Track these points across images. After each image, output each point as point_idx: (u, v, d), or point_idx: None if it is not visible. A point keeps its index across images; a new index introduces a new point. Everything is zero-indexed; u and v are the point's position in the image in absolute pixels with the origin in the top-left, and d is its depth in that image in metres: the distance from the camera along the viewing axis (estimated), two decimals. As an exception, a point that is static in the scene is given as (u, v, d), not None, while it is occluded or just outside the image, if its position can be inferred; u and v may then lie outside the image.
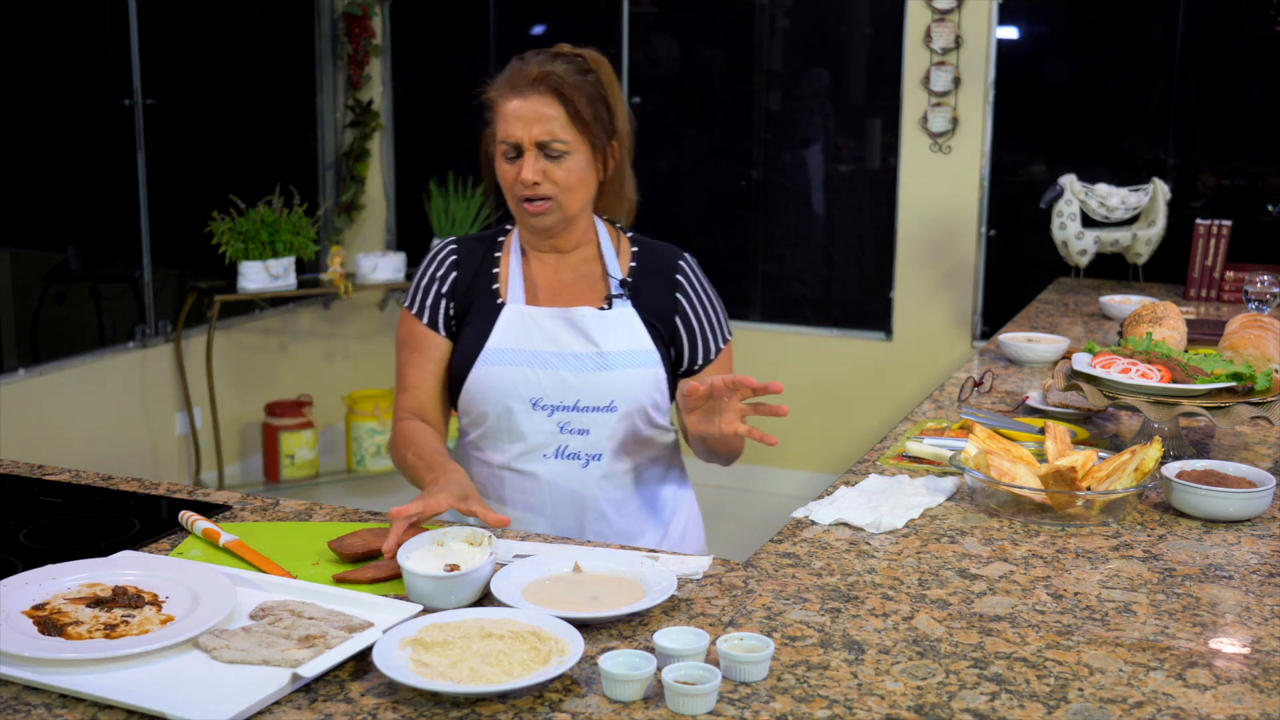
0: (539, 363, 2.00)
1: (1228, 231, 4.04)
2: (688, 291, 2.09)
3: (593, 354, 2.00)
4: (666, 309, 2.07)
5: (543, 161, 1.97)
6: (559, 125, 1.96)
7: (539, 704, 1.34)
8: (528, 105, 1.96)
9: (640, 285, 2.06)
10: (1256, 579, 1.73)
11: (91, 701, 1.35)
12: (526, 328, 2.02)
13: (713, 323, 2.11)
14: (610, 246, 2.09)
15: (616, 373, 2.00)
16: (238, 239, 4.82)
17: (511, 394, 2.00)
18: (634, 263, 2.09)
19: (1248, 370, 2.18)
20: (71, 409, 4.50)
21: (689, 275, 2.12)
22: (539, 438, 2.02)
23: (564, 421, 2.01)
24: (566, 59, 2.01)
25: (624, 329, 2.02)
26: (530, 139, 1.96)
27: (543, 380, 2.00)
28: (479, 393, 2.02)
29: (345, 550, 1.74)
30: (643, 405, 2.03)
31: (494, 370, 2.01)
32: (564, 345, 2.00)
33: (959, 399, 2.70)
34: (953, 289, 4.93)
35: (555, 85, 1.96)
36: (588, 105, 1.97)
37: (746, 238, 5.26)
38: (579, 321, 2.01)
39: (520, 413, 2.01)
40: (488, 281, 2.08)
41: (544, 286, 2.07)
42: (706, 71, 5.30)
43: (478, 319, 2.05)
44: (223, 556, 1.77)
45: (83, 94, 4.61)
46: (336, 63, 5.59)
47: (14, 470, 2.17)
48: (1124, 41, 4.71)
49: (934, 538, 1.87)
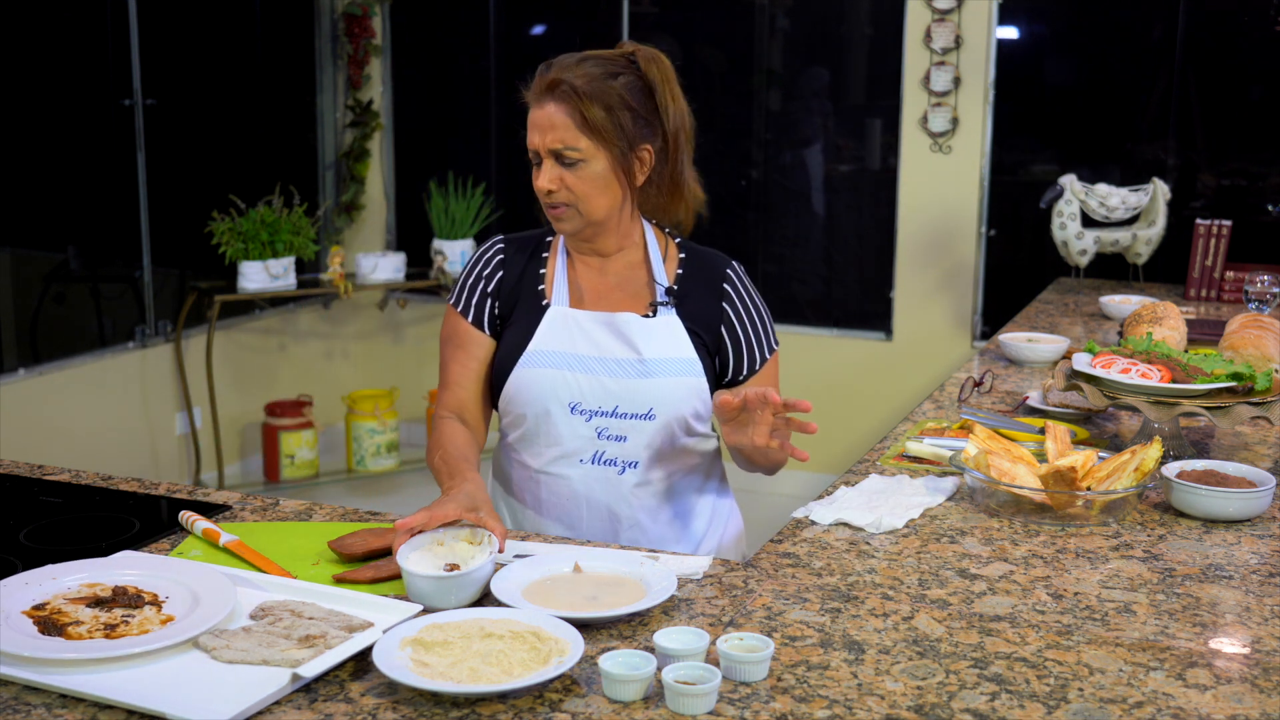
0: (580, 366, 1.98)
1: (1228, 231, 4.04)
2: (734, 301, 2.06)
3: (634, 360, 1.98)
4: (712, 318, 2.04)
5: (558, 169, 1.95)
6: (570, 133, 1.93)
7: (539, 704, 1.34)
8: (543, 113, 1.94)
9: (686, 293, 2.04)
10: (1256, 579, 1.73)
11: (91, 701, 1.35)
12: (569, 330, 2.00)
13: (759, 332, 2.08)
14: (658, 252, 2.07)
15: (657, 380, 1.98)
16: (238, 239, 4.82)
17: (551, 396, 1.99)
18: (680, 270, 2.06)
19: (1248, 370, 2.18)
20: (71, 409, 4.50)
21: (736, 284, 2.08)
22: (576, 442, 2.00)
23: (602, 427, 1.99)
24: (599, 61, 1.97)
25: (667, 337, 2.00)
26: (545, 147, 1.94)
27: (582, 384, 1.98)
28: (519, 393, 2.01)
29: (345, 550, 1.74)
30: (682, 414, 2.00)
31: (535, 372, 1.99)
32: (606, 350, 1.98)
33: (959, 399, 2.70)
34: (953, 289, 4.93)
35: (566, 93, 1.93)
36: (602, 112, 1.93)
37: (746, 238, 5.26)
38: (622, 327, 1.99)
39: (558, 416, 1.99)
40: (534, 282, 2.06)
41: (589, 290, 2.05)
42: (706, 71, 5.30)
43: (522, 319, 2.03)
44: (223, 556, 1.77)
45: (83, 94, 4.61)
46: (336, 63, 5.59)
47: (14, 470, 2.17)
48: (1124, 41, 4.71)
49: (934, 538, 1.87)
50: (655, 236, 2.08)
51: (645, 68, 1.99)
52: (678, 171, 2.05)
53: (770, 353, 2.10)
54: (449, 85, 5.60)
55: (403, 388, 5.55)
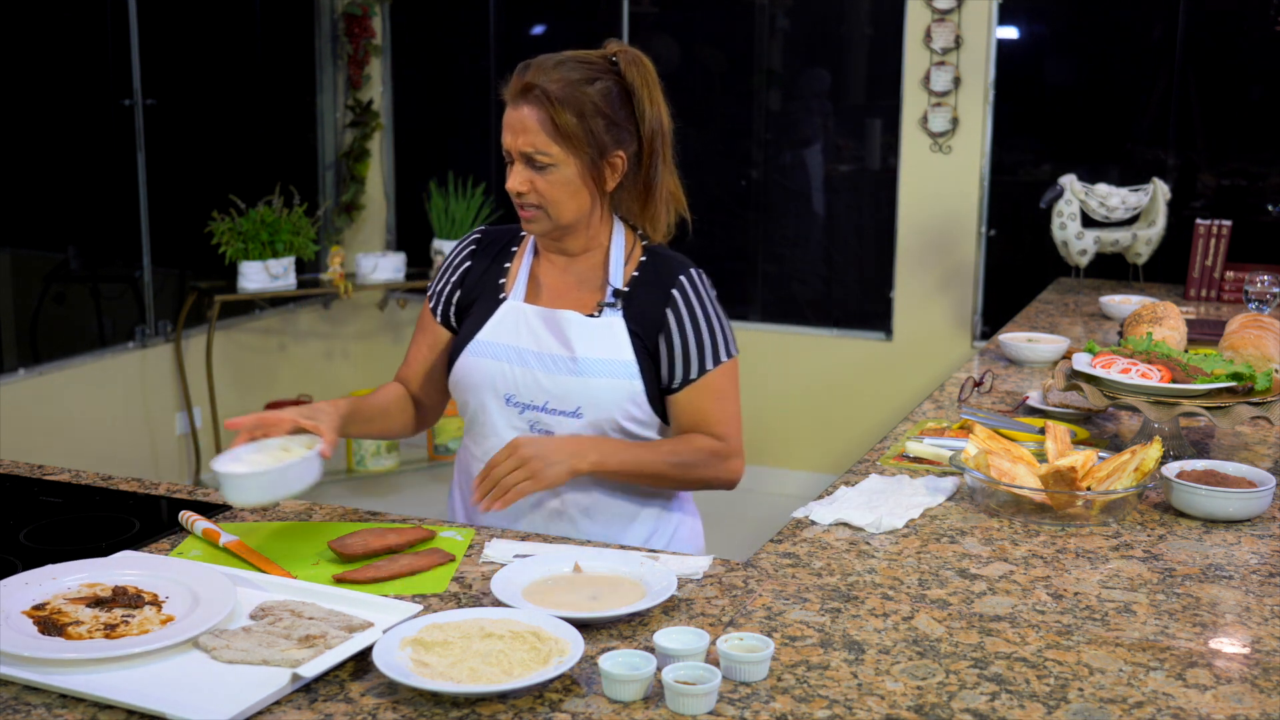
0: (517, 359, 2.01)
1: (1228, 231, 4.04)
2: (680, 308, 2.02)
3: (566, 358, 1.99)
4: (655, 323, 2.02)
5: (529, 171, 1.96)
6: (541, 138, 1.93)
7: (539, 704, 1.34)
8: (516, 115, 1.95)
9: (635, 295, 2.03)
10: (1256, 579, 1.73)
11: (91, 701, 1.35)
12: (516, 324, 2.03)
13: (702, 342, 2.02)
14: (621, 254, 2.06)
15: (587, 380, 1.98)
16: (238, 239, 4.82)
17: (488, 387, 2.03)
18: (637, 272, 2.05)
19: (1248, 370, 2.18)
20: (71, 409, 4.50)
21: (687, 291, 2.03)
22: (510, 434, 2.02)
23: (534, 421, 2.02)
24: (577, 64, 1.96)
25: (606, 338, 2.00)
26: (516, 149, 1.96)
27: (517, 377, 2.01)
28: (460, 381, 2.06)
29: (345, 550, 1.75)
30: (612, 416, 1.99)
31: (477, 361, 2.03)
32: (544, 346, 2.01)
33: (959, 399, 2.70)
34: (953, 289, 4.93)
35: (539, 98, 1.93)
36: (574, 119, 1.93)
37: (746, 238, 5.26)
38: (561, 324, 2.01)
39: (494, 407, 2.03)
40: (497, 275, 2.10)
41: (547, 287, 2.07)
42: (706, 71, 5.30)
43: (479, 311, 2.07)
44: (223, 556, 1.77)
45: (83, 94, 4.61)
46: (336, 63, 5.59)
47: (14, 470, 2.17)
48: (1124, 41, 4.71)
49: (934, 538, 1.87)
50: (625, 238, 2.08)
51: (626, 71, 1.98)
52: (652, 176, 2.03)
53: (716, 364, 2.02)
54: (449, 85, 5.60)
55: (403, 388, 5.54)
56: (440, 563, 1.73)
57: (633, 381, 1.99)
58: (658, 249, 2.09)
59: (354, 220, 5.66)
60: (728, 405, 2.05)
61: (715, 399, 2.03)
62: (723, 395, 2.04)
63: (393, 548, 1.77)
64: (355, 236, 5.72)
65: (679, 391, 2.02)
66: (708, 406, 2.03)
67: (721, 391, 2.04)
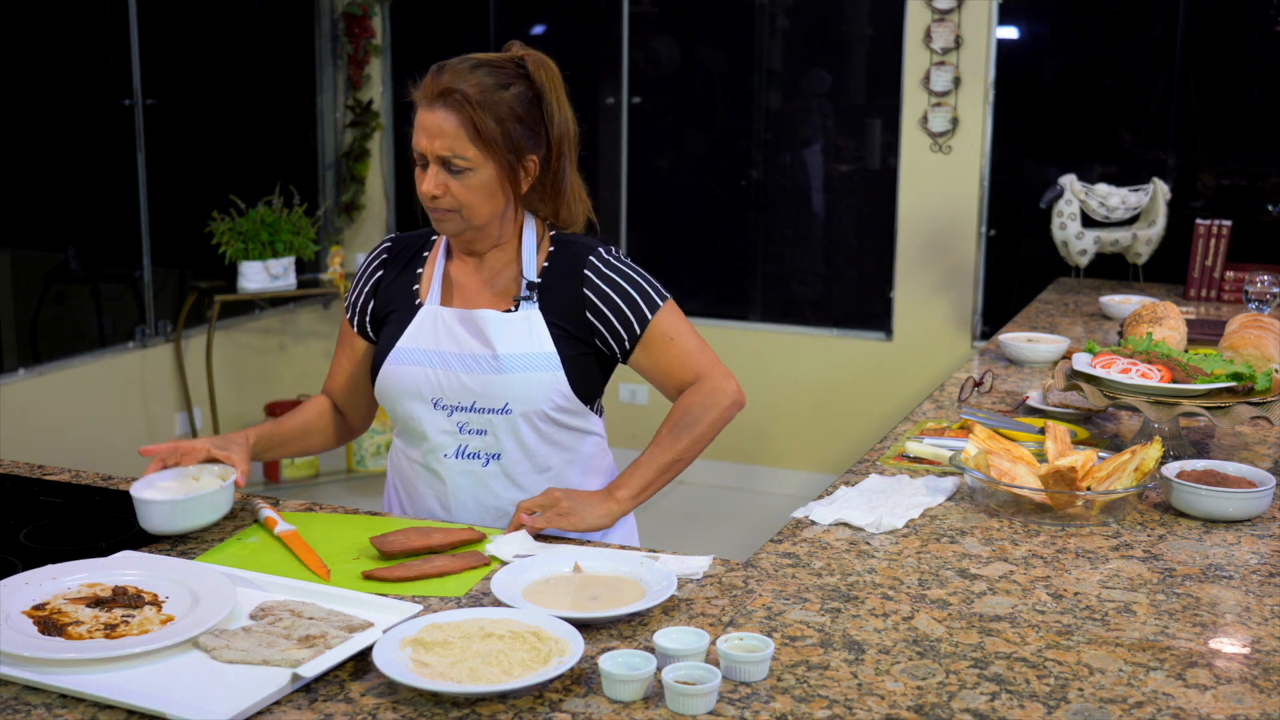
0: (440, 363, 2.02)
1: (1228, 231, 4.04)
2: (595, 283, 2.03)
3: (488, 356, 1.99)
4: (575, 307, 2.03)
5: (444, 175, 1.95)
6: (459, 142, 1.93)
7: (539, 704, 1.34)
8: (433, 118, 1.94)
9: (548, 285, 2.04)
10: (1256, 579, 1.73)
11: (91, 701, 1.35)
12: (435, 328, 2.03)
13: (630, 302, 2.03)
14: (532, 247, 2.06)
15: (511, 376, 1.99)
16: (238, 239, 4.82)
17: (414, 393, 2.03)
18: (547, 263, 2.06)
19: (1248, 370, 2.18)
20: (71, 409, 4.50)
21: (597, 266, 2.04)
22: (440, 437, 2.03)
23: (463, 422, 2.02)
24: (491, 69, 1.97)
25: (525, 332, 2.01)
26: (432, 152, 1.95)
27: (442, 380, 2.01)
28: (386, 389, 2.06)
29: (385, 547, 1.76)
30: (539, 408, 2.01)
31: (400, 369, 2.04)
32: (465, 347, 2.01)
33: (959, 399, 2.70)
34: (953, 289, 4.93)
35: (458, 102, 1.93)
36: (493, 124, 1.93)
37: (746, 238, 5.26)
38: (480, 323, 2.01)
39: (422, 412, 2.03)
40: (410, 281, 2.10)
41: (461, 287, 2.08)
42: (706, 71, 5.30)
43: (396, 318, 2.08)
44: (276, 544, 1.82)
45: (83, 94, 4.61)
46: (336, 63, 5.60)
47: (14, 470, 2.17)
48: (1124, 41, 4.71)
49: (934, 538, 1.87)
50: (535, 231, 2.08)
51: (535, 74, 1.99)
52: (560, 178, 2.05)
53: (653, 313, 2.03)
54: (449, 85, 5.59)
55: (403, 388, 5.55)
56: (472, 566, 1.72)
57: (555, 373, 2.00)
58: (565, 237, 2.09)
59: (354, 220, 5.66)
60: (686, 343, 2.06)
61: (669, 344, 2.05)
62: (675, 337, 2.05)
63: (433, 547, 1.78)
64: (355, 236, 5.72)
65: (634, 354, 2.04)
66: (667, 353, 2.04)
67: (672, 335, 2.05)
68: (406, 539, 1.78)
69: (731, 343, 5.18)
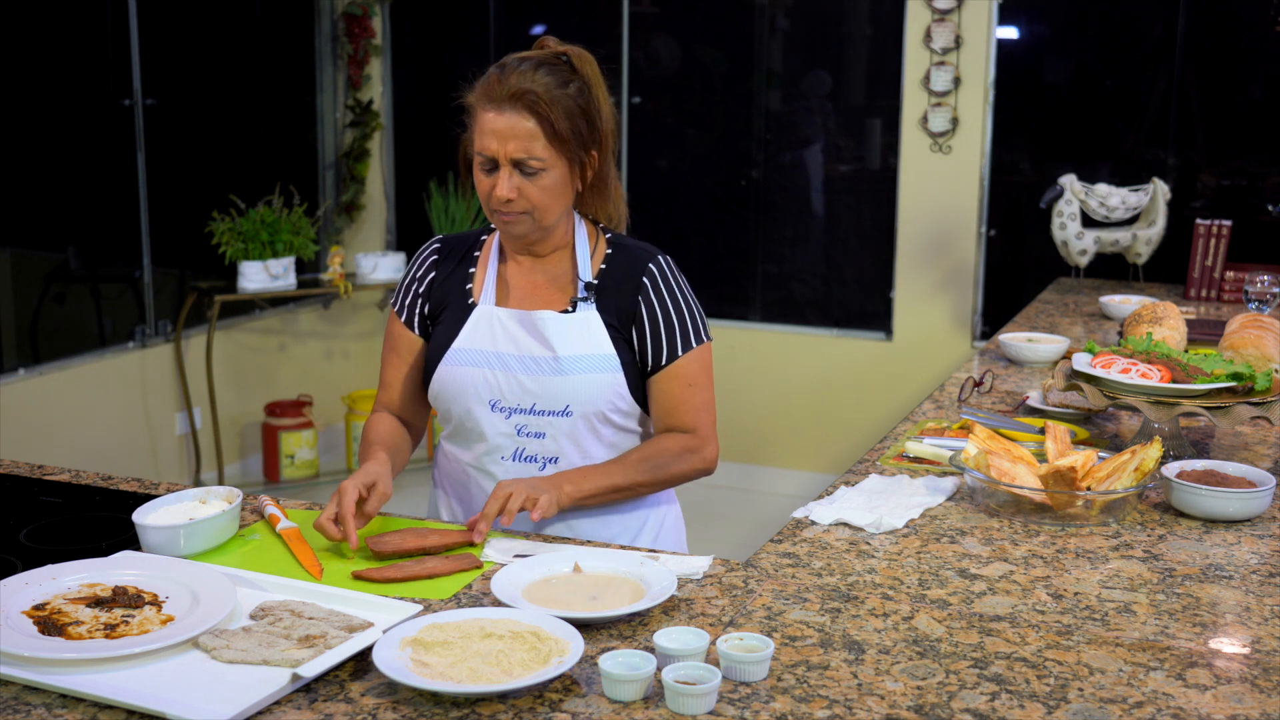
0: (499, 364, 2.00)
1: (1228, 231, 4.04)
2: (650, 294, 2.03)
3: (549, 358, 1.98)
4: (628, 312, 2.03)
5: (517, 178, 1.94)
6: (535, 144, 1.92)
7: (539, 704, 1.34)
8: (504, 120, 1.93)
9: (606, 287, 2.03)
10: (1256, 579, 1.73)
11: (91, 701, 1.35)
12: (492, 329, 2.02)
13: (674, 327, 2.03)
14: (586, 248, 2.06)
15: (572, 378, 1.98)
16: (238, 239, 4.82)
17: (472, 394, 2.01)
18: (605, 265, 2.06)
19: (1248, 370, 2.18)
20: (71, 409, 4.50)
21: (656, 278, 2.05)
22: (497, 439, 2.02)
23: (521, 424, 2.00)
24: (549, 68, 1.96)
25: (584, 333, 2.00)
26: (506, 155, 1.94)
27: (501, 382, 2.00)
28: (443, 391, 2.04)
29: (378, 548, 1.76)
30: (600, 410, 2.00)
31: (457, 370, 2.02)
32: (524, 348, 2.00)
33: (959, 399, 2.70)
34: (953, 289, 4.93)
35: (532, 103, 1.92)
36: (565, 121, 1.93)
37: (746, 238, 5.26)
38: (539, 325, 2.00)
39: (480, 413, 2.01)
40: (463, 282, 2.08)
41: (516, 288, 2.06)
42: (706, 71, 5.30)
43: (450, 319, 2.06)
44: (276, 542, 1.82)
45: (83, 94, 4.61)
46: (336, 63, 5.59)
47: (14, 470, 2.17)
48: (1124, 41, 4.71)
49: (934, 538, 1.87)
50: (587, 232, 2.08)
51: (581, 69, 1.99)
52: (605, 173, 2.05)
53: (687, 349, 2.04)
54: (449, 85, 5.58)
55: (403, 388, 5.54)
56: (463, 568, 1.72)
57: (615, 375, 2.00)
58: (622, 239, 2.09)
59: (354, 220, 5.66)
60: (699, 393, 2.05)
61: (686, 386, 2.04)
62: (694, 382, 2.05)
63: (427, 549, 1.77)
64: (355, 236, 5.72)
65: (651, 377, 2.04)
66: (679, 394, 2.03)
67: (693, 378, 2.05)
68: (402, 540, 1.78)
69: (731, 343, 5.18)
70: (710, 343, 2.08)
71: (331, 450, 5.54)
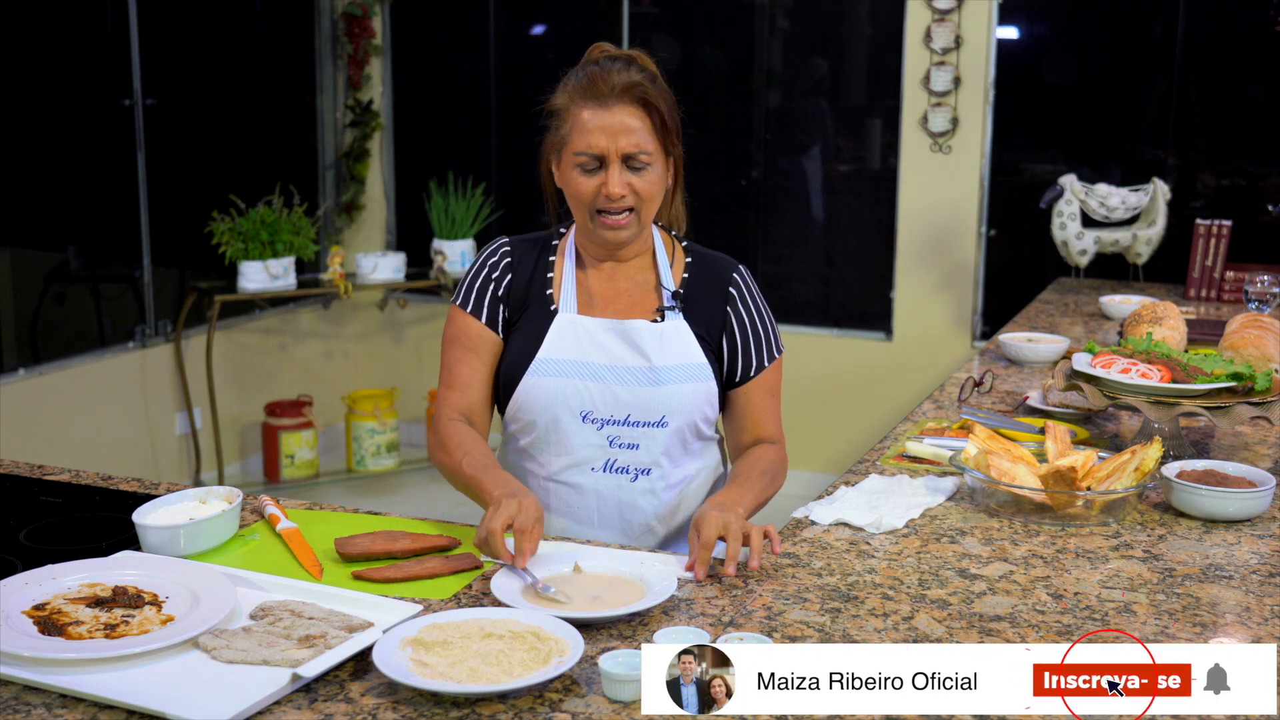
0: (590, 375, 1.95)
1: (1228, 231, 4.04)
2: (738, 305, 2.03)
3: (644, 368, 1.95)
4: (716, 321, 2.01)
5: (627, 174, 1.91)
6: (646, 137, 1.90)
7: (539, 704, 1.34)
8: (613, 116, 1.89)
9: (692, 296, 2.01)
10: (1256, 579, 1.73)
11: (91, 701, 1.35)
12: (579, 338, 1.97)
13: (759, 338, 2.04)
14: (665, 256, 2.04)
15: (668, 388, 1.95)
16: (238, 239, 4.82)
17: (561, 405, 1.96)
18: (687, 274, 2.03)
19: (1248, 370, 2.18)
20: (71, 409, 4.50)
21: (741, 288, 2.05)
22: (587, 451, 1.97)
23: (614, 435, 1.96)
24: (637, 65, 1.95)
25: (676, 342, 1.97)
26: (616, 151, 1.90)
27: (593, 393, 1.95)
28: (528, 401, 1.97)
29: (347, 550, 1.75)
30: (693, 420, 1.98)
31: (545, 380, 1.96)
32: (616, 358, 1.95)
33: (959, 399, 2.70)
34: (953, 289, 4.93)
35: (641, 95, 1.90)
36: (670, 114, 1.93)
37: (746, 238, 5.26)
38: (632, 334, 1.96)
39: (569, 425, 1.96)
40: (542, 287, 2.02)
41: (598, 295, 2.01)
42: (706, 71, 5.30)
43: (530, 325, 1.99)
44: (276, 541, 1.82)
45: (83, 94, 4.61)
46: (336, 63, 5.59)
47: (14, 470, 2.17)
48: (1124, 41, 4.71)
49: (934, 538, 1.87)
50: (662, 240, 2.06)
51: (648, 68, 1.98)
52: (679, 173, 2.04)
53: (771, 360, 2.06)
54: (449, 85, 5.60)
55: (403, 388, 5.55)
56: (464, 569, 1.72)
57: (709, 384, 1.99)
58: (696, 247, 2.09)
59: (354, 220, 5.66)
60: (778, 403, 2.08)
61: (768, 396, 2.06)
62: (774, 392, 2.07)
63: (394, 553, 1.76)
64: (355, 236, 5.72)
65: (737, 388, 2.05)
66: (762, 403, 2.05)
67: (773, 388, 2.08)
68: (371, 542, 1.76)
69: (731, 343, 5.17)
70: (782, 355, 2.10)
71: (331, 450, 5.54)
